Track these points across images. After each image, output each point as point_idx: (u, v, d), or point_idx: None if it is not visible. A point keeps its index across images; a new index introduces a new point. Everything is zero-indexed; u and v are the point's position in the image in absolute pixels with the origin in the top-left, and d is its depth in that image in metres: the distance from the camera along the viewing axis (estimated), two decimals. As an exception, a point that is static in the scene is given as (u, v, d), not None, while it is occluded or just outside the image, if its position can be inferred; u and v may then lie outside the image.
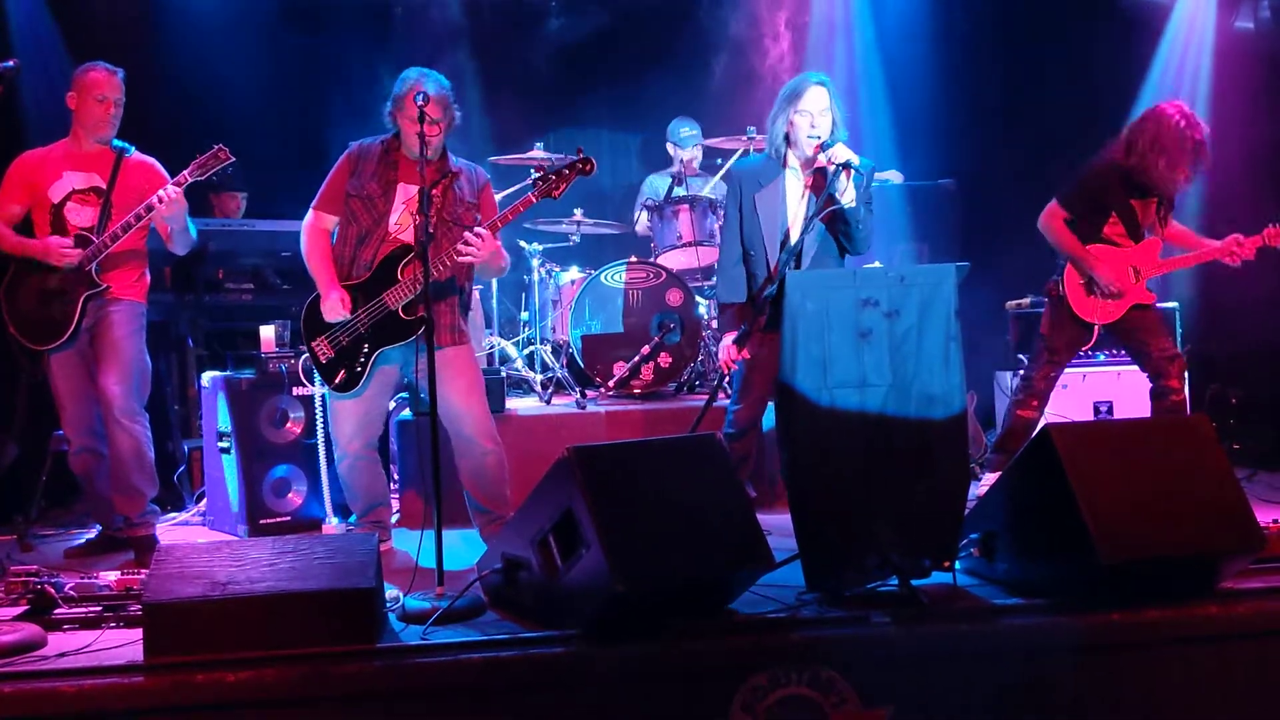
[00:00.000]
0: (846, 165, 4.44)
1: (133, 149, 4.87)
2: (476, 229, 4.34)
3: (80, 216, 4.71)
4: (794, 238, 4.63)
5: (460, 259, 4.35)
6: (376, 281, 4.45)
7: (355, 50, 6.98)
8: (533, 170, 4.45)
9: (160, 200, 4.54)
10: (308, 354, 4.61)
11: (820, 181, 4.65)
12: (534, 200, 4.38)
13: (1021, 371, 5.55)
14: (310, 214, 4.61)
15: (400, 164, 4.56)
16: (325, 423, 4.96)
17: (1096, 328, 5.20)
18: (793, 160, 4.70)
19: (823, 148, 4.53)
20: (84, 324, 4.69)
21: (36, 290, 4.68)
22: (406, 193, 4.52)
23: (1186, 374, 5.20)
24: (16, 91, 5.69)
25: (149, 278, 4.95)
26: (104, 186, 4.74)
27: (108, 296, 4.71)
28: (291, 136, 6.72)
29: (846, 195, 4.49)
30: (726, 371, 4.70)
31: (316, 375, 4.63)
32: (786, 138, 4.66)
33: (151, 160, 4.90)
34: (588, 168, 4.37)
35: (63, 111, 4.78)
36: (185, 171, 4.62)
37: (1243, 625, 3.52)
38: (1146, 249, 5.21)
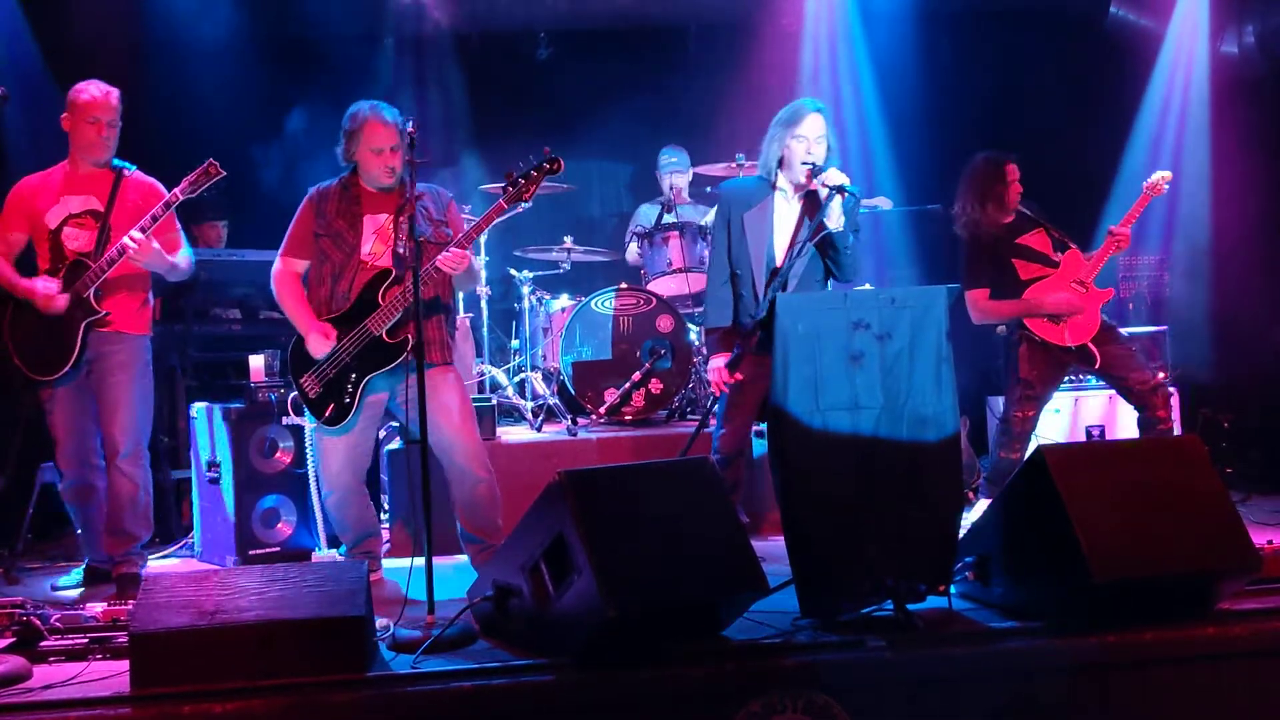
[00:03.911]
0: (840, 189, 4.43)
1: (133, 168, 4.77)
2: (450, 248, 4.34)
3: (77, 241, 4.63)
4: (780, 260, 4.63)
5: (439, 273, 4.35)
6: (358, 310, 4.44)
7: (344, 81, 6.99)
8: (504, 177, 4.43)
9: (126, 248, 4.46)
10: (297, 393, 4.57)
11: (811, 206, 4.65)
12: (505, 207, 4.37)
13: (1000, 414, 5.55)
14: (279, 262, 4.60)
15: (363, 197, 4.56)
16: (314, 457, 4.92)
17: (1090, 346, 5.21)
18: (783, 182, 4.70)
19: (815, 172, 4.52)
20: (85, 355, 4.60)
21: (38, 320, 4.58)
22: (375, 223, 4.51)
23: (1174, 400, 5.22)
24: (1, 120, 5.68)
25: (153, 304, 4.85)
26: (101, 210, 4.65)
27: (110, 331, 4.62)
28: (278, 165, 6.71)
29: (834, 219, 4.49)
30: (718, 394, 4.68)
31: (307, 412, 4.59)
32: (780, 161, 4.66)
33: (152, 181, 4.79)
34: (555, 167, 4.33)
35: (46, 140, 4.73)
36: (176, 189, 4.54)
37: (1239, 646, 3.51)
38: (1071, 261, 5.30)
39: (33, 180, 4.75)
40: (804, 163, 4.56)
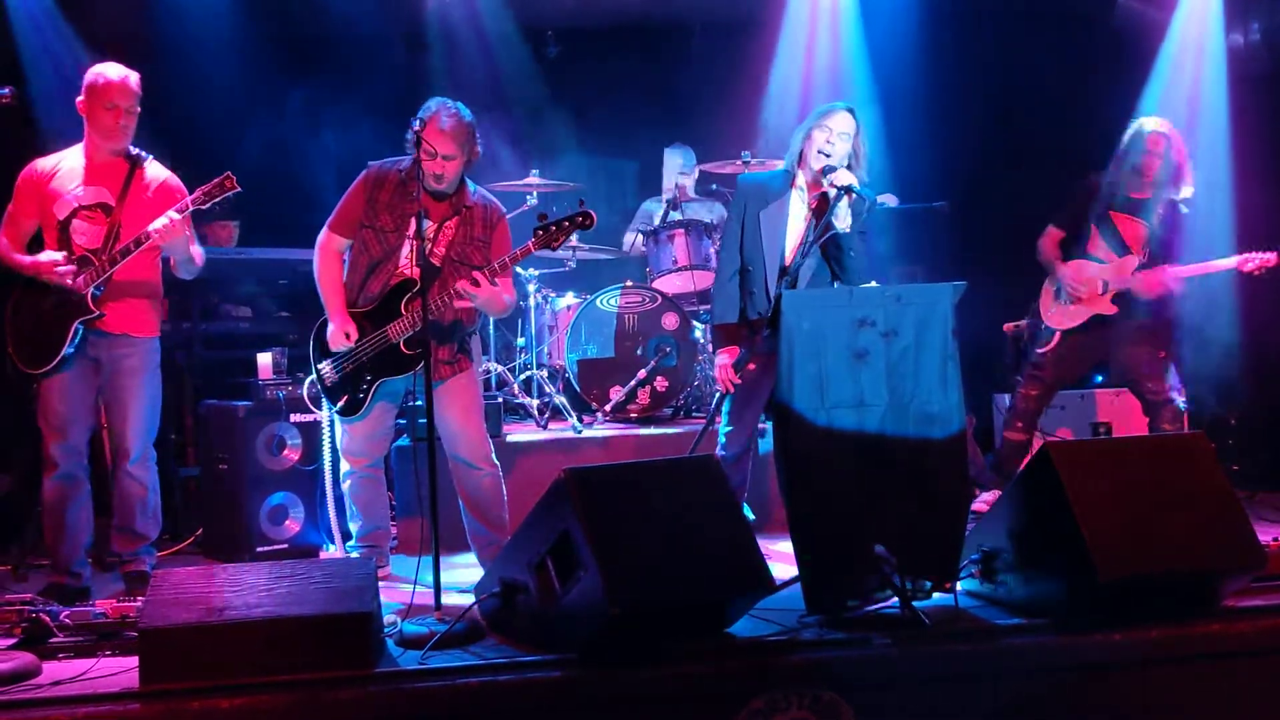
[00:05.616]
0: (848, 189, 4.40)
1: (149, 157, 4.60)
2: (475, 274, 4.28)
3: (86, 236, 4.44)
4: (790, 259, 4.61)
5: (457, 302, 4.33)
6: (381, 313, 4.43)
7: (354, 81, 6.99)
8: (536, 218, 4.42)
9: (155, 232, 4.31)
10: (315, 377, 4.60)
11: (823, 206, 4.60)
12: (533, 249, 4.35)
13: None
14: (324, 233, 4.54)
15: (419, 196, 4.48)
16: (333, 445, 4.94)
17: (1058, 334, 5.36)
18: (800, 180, 4.65)
19: (825, 171, 4.49)
20: (89, 354, 4.47)
21: (35, 311, 4.44)
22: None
23: (1183, 420, 5.26)
24: (20, 110, 5.62)
25: (163, 306, 4.71)
26: (112, 204, 4.48)
27: (119, 334, 4.48)
28: (288, 164, 6.72)
29: (842, 220, 4.46)
30: (725, 391, 4.68)
31: (324, 397, 4.62)
32: (801, 154, 4.62)
33: (168, 175, 4.61)
34: (587, 222, 4.34)
35: (76, 121, 4.60)
36: (188, 198, 4.40)
37: (1245, 643, 3.52)
38: (1122, 265, 5.32)
39: (44, 163, 4.55)
40: (820, 152, 4.51)
